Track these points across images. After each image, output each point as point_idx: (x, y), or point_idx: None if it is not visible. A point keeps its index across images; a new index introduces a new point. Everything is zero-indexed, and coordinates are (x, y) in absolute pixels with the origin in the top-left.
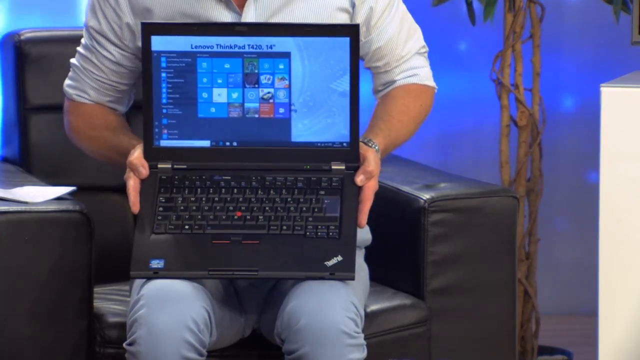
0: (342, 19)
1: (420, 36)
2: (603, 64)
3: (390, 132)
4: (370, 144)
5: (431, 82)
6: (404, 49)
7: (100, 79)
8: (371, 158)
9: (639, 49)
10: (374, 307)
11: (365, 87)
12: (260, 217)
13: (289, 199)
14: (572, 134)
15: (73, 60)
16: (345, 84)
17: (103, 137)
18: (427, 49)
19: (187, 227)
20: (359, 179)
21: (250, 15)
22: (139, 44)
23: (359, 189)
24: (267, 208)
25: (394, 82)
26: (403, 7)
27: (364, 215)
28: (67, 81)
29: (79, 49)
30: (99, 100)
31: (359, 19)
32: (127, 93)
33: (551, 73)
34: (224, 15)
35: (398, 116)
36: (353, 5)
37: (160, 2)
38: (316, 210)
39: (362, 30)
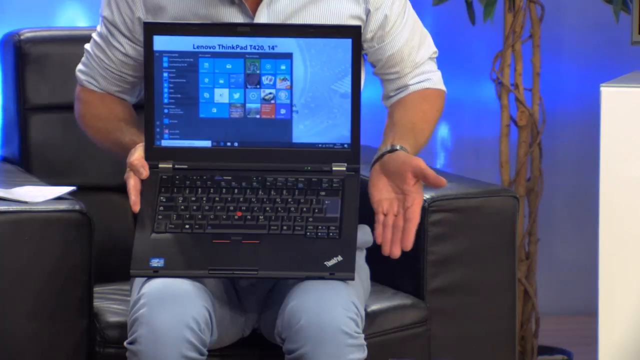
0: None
1: (431, 41)
2: (603, 64)
3: (416, 140)
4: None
5: (443, 86)
6: (417, 55)
7: (109, 68)
8: (423, 163)
9: (639, 49)
10: (374, 307)
11: (366, 89)
12: (261, 217)
13: (289, 200)
14: (572, 134)
15: (87, 46)
16: (346, 85)
17: (107, 130)
18: (437, 53)
19: (187, 226)
20: (442, 179)
21: (262, 19)
22: None
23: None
24: (267, 208)
25: (407, 87)
26: (413, 13)
27: (412, 236)
28: (79, 66)
29: (94, 35)
30: (108, 89)
31: (373, 26)
32: (136, 84)
33: (551, 73)
34: (237, 18)
35: (420, 124)
36: (367, 13)
37: (173, 1)
38: (316, 210)
39: (376, 36)
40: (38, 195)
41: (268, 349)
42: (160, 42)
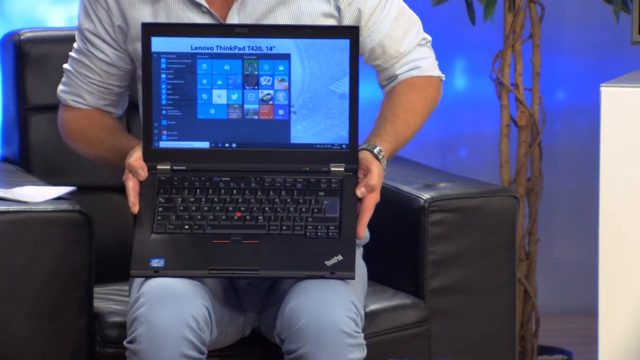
0: (329, 24)
1: (420, 29)
2: (603, 64)
3: (397, 134)
4: (375, 151)
5: (435, 72)
6: (401, 46)
7: (95, 83)
8: (375, 171)
9: (639, 49)
10: (373, 306)
11: (365, 89)
12: (260, 218)
13: (288, 200)
14: (572, 134)
15: (66, 66)
16: (344, 86)
17: (101, 140)
18: (429, 39)
19: (186, 227)
20: (360, 191)
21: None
22: (131, 46)
23: (359, 199)
24: (266, 209)
25: (396, 76)
26: (398, 3)
27: (363, 226)
28: (60, 87)
29: (72, 53)
30: (95, 105)
31: (348, 22)
32: (122, 95)
33: (551, 73)
34: None
35: (404, 115)
36: (338, 10)
37: (143, 12)
38: (315, 210)
39: None
40: (38, 195)
41: (268, 349)
42: (158, 44)
